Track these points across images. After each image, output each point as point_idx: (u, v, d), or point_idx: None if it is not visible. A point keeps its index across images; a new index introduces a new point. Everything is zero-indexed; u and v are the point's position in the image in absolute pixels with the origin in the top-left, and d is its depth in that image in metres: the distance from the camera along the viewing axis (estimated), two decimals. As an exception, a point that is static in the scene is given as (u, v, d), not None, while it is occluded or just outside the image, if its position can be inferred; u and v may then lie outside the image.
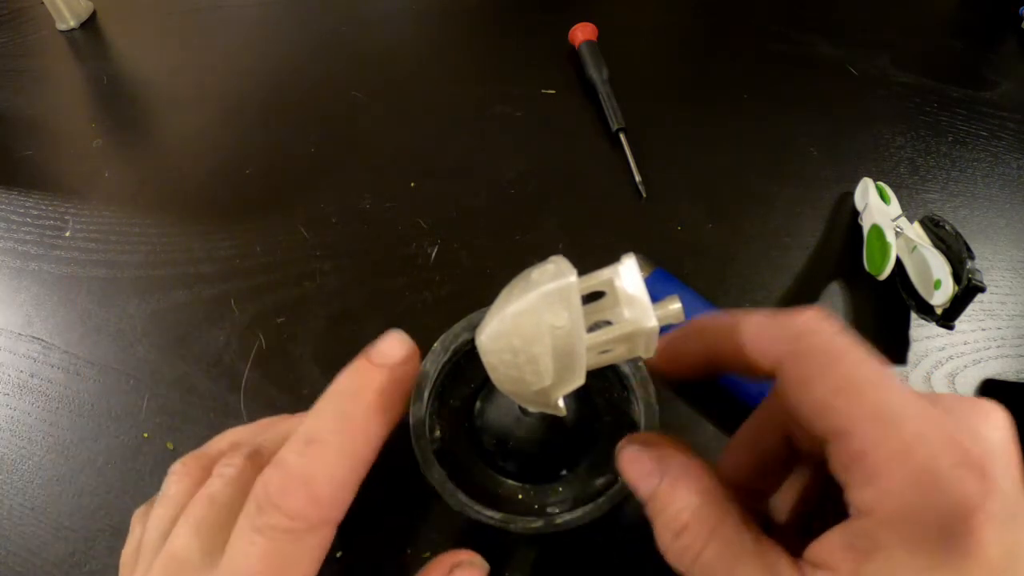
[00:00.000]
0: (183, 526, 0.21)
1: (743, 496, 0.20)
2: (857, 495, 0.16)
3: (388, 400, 0.22)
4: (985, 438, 0.16)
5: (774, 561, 0.17)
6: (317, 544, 0.21)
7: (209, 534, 0.21)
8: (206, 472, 0.24)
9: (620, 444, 0.21)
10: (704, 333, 0.21)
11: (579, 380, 0.19)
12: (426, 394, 0.28)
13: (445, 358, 0.29)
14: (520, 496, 0.28)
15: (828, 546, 0.16)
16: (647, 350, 0.19)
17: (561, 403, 0.21)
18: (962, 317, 0.32)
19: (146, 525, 0.23)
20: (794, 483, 0.22)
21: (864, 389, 0.16)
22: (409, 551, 0.29)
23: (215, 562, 0.20)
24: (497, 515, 0.25)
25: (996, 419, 0.17)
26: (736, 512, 0.18)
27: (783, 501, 0.22)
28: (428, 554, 0.29)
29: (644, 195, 0.42)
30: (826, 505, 0.22)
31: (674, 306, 0.19)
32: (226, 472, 0.23)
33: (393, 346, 0.23)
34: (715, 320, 0.21)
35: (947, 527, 0.15)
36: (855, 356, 0.17)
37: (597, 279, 0.19)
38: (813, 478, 0.22)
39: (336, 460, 0.21)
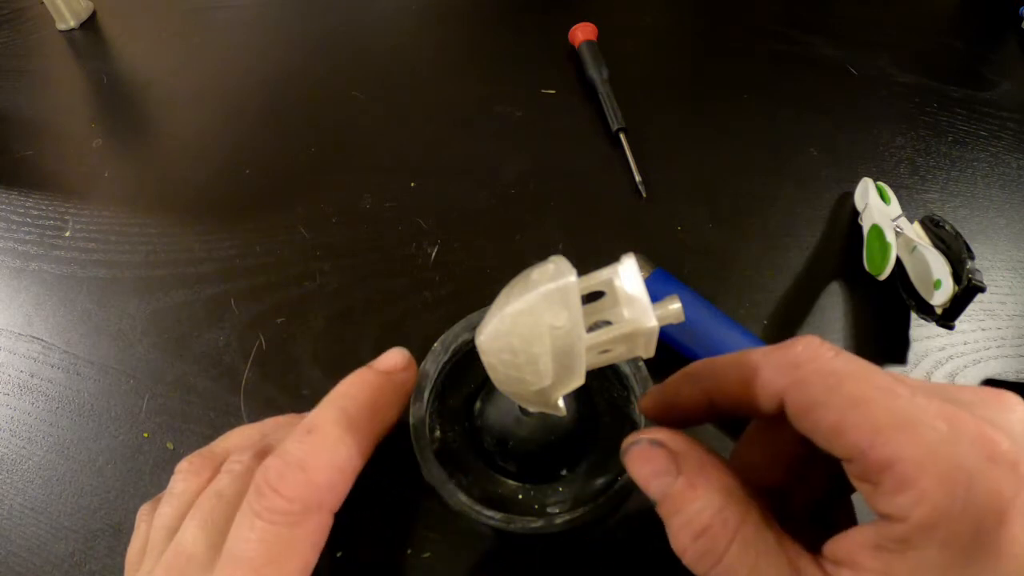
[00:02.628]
0: (191, 522, 0.22)
1: (758, 492, 0.19)
2: (887, 504, 0.16)
3: (386, 401, 0.23)
4: (1012, 430, 0.16)
5: (796, 560, 0.17)
6: (314, 530, 0.21)
7: (216, 530, 0.21)
8: (213, 470, 0.24)
9: (626, 441, 0.20)
10: (698, 378, 0.21)
11: (579, 380, 0.19)
12: (426, 394, 0.28)
13: (445, 358, 0.29)
14: (520, 496, 0.28)
15: (852, 545, 0.16)
16: (647, 350, 0.19)
17: (561, 403, 0.21)
18: (962, 317, 0.32)
19: (152, 523, 0.24)
20: (811, 482, 0.21)
21: (876, 401, 0.16)
22: (409, 551, 0.29)
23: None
24: (497, 515, 0.25)
25: (1020, 410, 0.17)
26: (757, 511, 0.18)
27: (795, 492, 0.21)
28: (428, 554, 0.29)
29: (644, 195, 0.42)
30: (836, 496, 0.21)
31: (674, 306, 0.19)
32: (234, 469, 0.23)
33: (393, 356, 0.25)
34: (707, 365, 0.21)
35: (981, 524, 0.14)
36: (859, 372, 0.17)
37: (597, 279, 0.19)
38: (824, 468, 0.21)
39: (334, 448, 0.21)
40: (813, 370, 0.17)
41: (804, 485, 0.21)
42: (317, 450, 0.21)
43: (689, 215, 0.41)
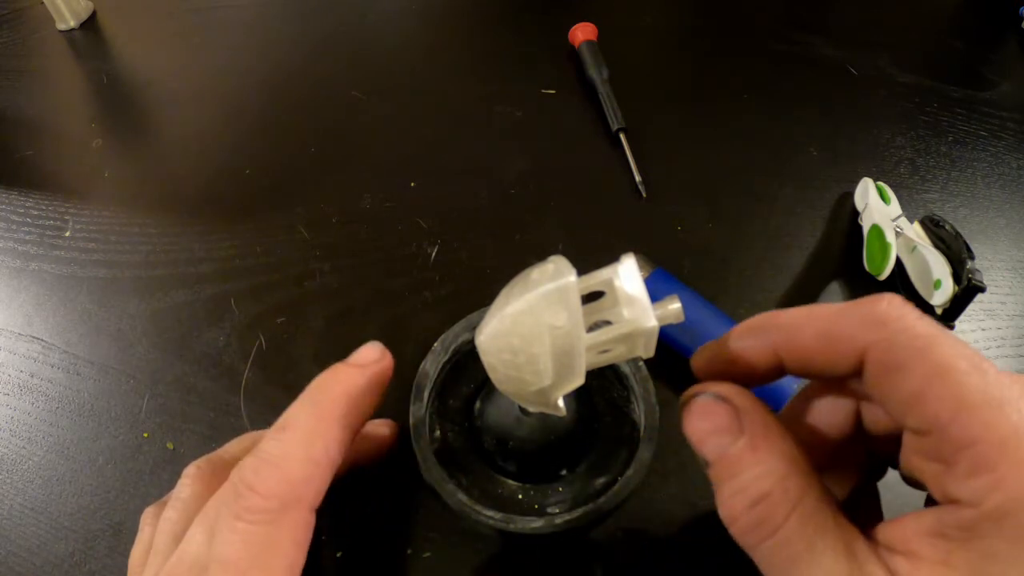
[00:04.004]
0: (197, 528, 0.21)
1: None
2: (959, 487, 0.15)
3: (360, 393, 0.23)
4: None
5: (852, 542, 0.16)
6: (295, 527, 0.21)
7: None
8: (220, 476, 0.24)
9: (686, 393, 0.19)
10: (765, 331, 0.19)
11: (579, 380, 0.19)
12: (426, 394, 0.28)
13: (445, 358, 0.29)
14: (520, 496, 0.28)
15: (908, 531, 0.15)
16: (647, 350, 0.19)
17: (561, 403, 0.21)
18: (962, 317, 0.32)
19: (157, 527, 0.23)
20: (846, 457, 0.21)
21: (962, 375, 0.15)
22: (409, 551, 0.29)
23: None
24: (497, 515, 0.25)
25: None
26: (819, 485, 0.17)
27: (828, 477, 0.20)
28: (428, 554, 0.29)
29: (644, 195, 0.42)
30: (864, 486, 0.21)
31: (674, 306, 0.19)
32: None
33: (367, 351, 0.25)
34: (773, 318, 0.19)
35: None
36: (947, 341, 0.16)
37: (596, 279, 0.19)
38: (863, 454, 0.21)
39: (308, 442, 0.21)
40: (900, 329, 0.16)
41: (839, 471, 0.21)
42: (291, 446, 0.21)
43: (689, 215, 0.41)
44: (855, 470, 0.21)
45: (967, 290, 0.31)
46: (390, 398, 0.34)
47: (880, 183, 0.39)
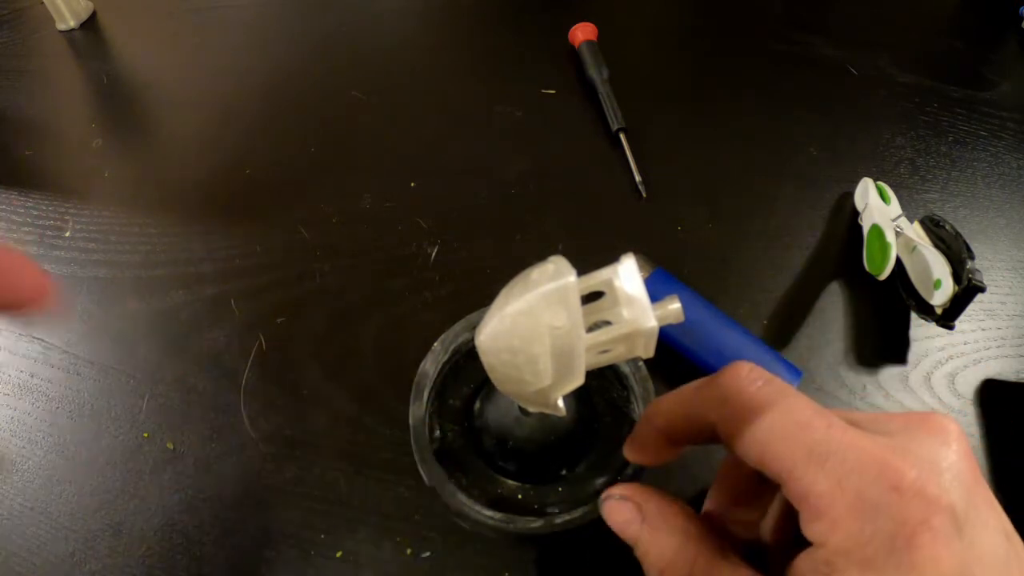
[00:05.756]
0: None
1: (736, 525, 0.22)
2: (809, 530, 0.17)
3: None
4: (925, 456, 0.17)
5: None
6: None
7: None
8: None
9: (603, 495, 0.23)
10: (651, 420, 0.23)
11: (578, 380, 0.19)
12: (426, 394, 0.28)
13: (445, 358, 0.29)
14: (520, 496, 0.28)
15: (797, 570, 0.18)
16: (647, 350, 0.19)
17: (560, 403, 0.21)
18: (962, 317, 0.32)
19: None
20: (776, 507, 0.23)
21: (792, 433, 0.18)
22: (409, 551, 0.29)
23: None
24: (497, 515, 0.25)
25: (944, 433, 0.18)
26: (713, 545, 0.20)
27: (766, 524, 0.23)
28: (428, 554, 0.29)
29: (644, 195, 0.42)
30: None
31: (673, 306, 0.19)
32: None
33: None
34: (656, 406, 0.22)
35: (894, 549, 0.16)
36: (781, 405, 0.18)
37: (596, 279, 0.19)
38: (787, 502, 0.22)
39: None
40: (738, 403, 0.19)
41: (772, 519, 0.23)
42: None
43: (689, 215, 0.41)
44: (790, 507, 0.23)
45: (967, 290, 0.31)
46: (391, 398, 0.34)
47: (880, 183, 0.39)
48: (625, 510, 0.22)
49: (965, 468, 0.17)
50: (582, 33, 0.49)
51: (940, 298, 0.32)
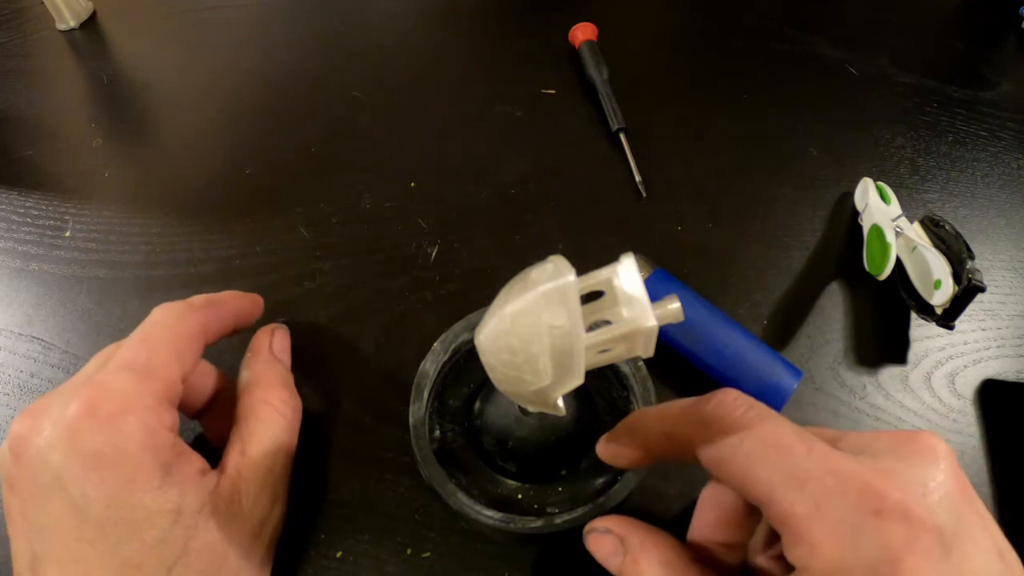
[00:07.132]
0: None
1: (721, 550, 0.22)
2: (791, 555, 0.17)
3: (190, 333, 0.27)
4: (912, 477, 0.17)
5: None
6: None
7: None
8: None
9: (586, 528, 0.24)
10: (632, 431, 0.23)
11: (578, 380, 0.19)
12: (426, 394, 0.28)
13: (445, 358, 0.29)
14: (520, 496, 0.28)
15: None
16: (646, 350, 0.19)
17: (560, 403, 0.21)
18: (962, 317, 0.32)
19: None
20: (762, 529, 0.23)
21: (771, 457, 0.18)
22: (409, 551, 0.29)
23: None
24: (497, 515, 0.25)
25: (932, 452, 0.18)
26: (694, 572, 0.21)
27: (754, 548, 0.23)
28: (428, 554, 0.29)
29: (644, 195, 0.42)
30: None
31: (673, 306, 0.19)
32: None
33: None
34: (638, 418, 0.23)
35: (877, 572, 0.15)
36: (762, 429, 0.18)
37: (596, 279, 0.19)
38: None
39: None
40: (720, 429, 0.19)
41: (760, 541, 0.23)
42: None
43: (689, 215, 0.41)
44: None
45: (967, 290, 0.31)
46: (391, 398, 0.34)
47: (880, 183, 0.39)
48: (608, 543, 0.22)
49: (954, 487, 0.17)
50: (582, 33, 0.49)
51: (940, 298, 0.32)
